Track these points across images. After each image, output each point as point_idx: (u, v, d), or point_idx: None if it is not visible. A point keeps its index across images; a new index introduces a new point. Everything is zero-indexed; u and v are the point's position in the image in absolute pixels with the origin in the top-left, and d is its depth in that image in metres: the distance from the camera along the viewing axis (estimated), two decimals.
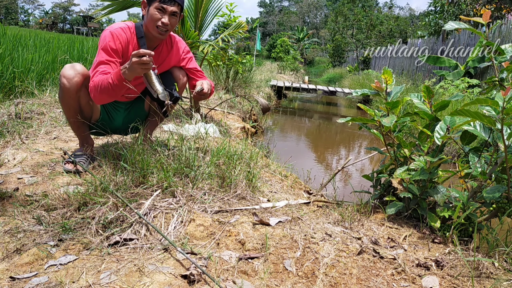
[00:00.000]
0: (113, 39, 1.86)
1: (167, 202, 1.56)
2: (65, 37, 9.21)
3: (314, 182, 2.64)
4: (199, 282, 1.13)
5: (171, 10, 1.89)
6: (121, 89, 1.75)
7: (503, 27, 6.83)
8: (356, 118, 1.69)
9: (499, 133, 1.32)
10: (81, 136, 2.07)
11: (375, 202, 1.87)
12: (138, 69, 1.64)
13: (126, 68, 1.67)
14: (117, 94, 1.79)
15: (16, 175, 1.86)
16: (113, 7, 3.38)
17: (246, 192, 1.76)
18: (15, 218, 1.45)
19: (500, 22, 6.99)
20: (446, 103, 1.64)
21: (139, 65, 1.63)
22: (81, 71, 1.88)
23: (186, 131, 2.64)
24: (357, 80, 11.98)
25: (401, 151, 1.73)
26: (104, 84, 1.75)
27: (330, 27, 23.17)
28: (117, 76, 1.71)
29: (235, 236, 1.39)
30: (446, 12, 10.40)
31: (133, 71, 1.66)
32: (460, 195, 1.46)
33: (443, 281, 1.21)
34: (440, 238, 1.47)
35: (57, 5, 57.21)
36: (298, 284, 1.16)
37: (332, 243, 1.37)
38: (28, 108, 3.02)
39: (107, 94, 1.77)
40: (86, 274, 1.15)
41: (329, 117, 8.07)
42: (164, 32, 1.91)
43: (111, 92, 1.76)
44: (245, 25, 3.90)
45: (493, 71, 6.60)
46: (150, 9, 1.88)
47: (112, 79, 1.72)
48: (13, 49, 4.33)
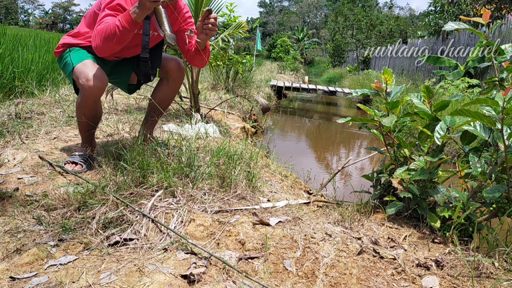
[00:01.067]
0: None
1: (167, 202, 1.56)
2: None
3: (314, 182, 2.64)
4: (199, 282, 1.13)
5: None
6: (129, 33, 1.67)
7: (503, 27, 6.83)
8: (356, 118, 1.69)
9: (499, 133, 1.32)
10: (85, 136, 2.07)
11: (375, 202, 1.87)
12: (147, 3, 1.57)
13: (136, 7, 1.61)
14: (124, 39, 1.69)
15: (16, 175, 1.86)
16: None
17: (246, 192, 1.76)
18: (15, 218, 1.45)
19: (500, 22, 6.99)
20: (446, 103, 1.64)
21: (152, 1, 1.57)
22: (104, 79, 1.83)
23: (186, 131, 2.64)
24: (357, 80, 11.98)
25: (401, 151, 1.74)
26: (110, 28, 1.65)
27: (330, 27, 23.17)
28: (126, 17, 1.63)
29: (235, 236, 1.39)
30: (446, 12, 10.40)
31: (143, 7, 1.59)
32: (460, 195, 1.46)
33: (443, 281, 1.21)
34: (440, 238, 1.47)
35: (57, 5, 57.21)
36: (298, 284, 1.16)
37: (332, 243, 1.37)
38: (28, 108, 3.01)
39: (112, 39, 1.66)
40: (86, 274, 1.15)
41: (329, 117, 8.07)
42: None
43: (118, 37, 1.65)
44: (245, 25, 3.90)
45: (493, 71, 6.60)
46: None
47: (120, 21, 1.63)
48: (13, 49, 4.33)
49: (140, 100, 4.25)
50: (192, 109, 3.68)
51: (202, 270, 1.18)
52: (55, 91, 3.95)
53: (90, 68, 1.81)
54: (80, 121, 1.98)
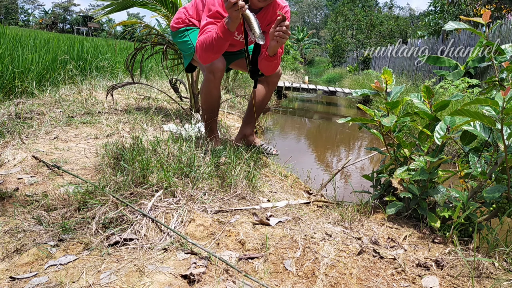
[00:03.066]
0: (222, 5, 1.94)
1: (167, 202, 1.56)
2: (65, 37, 9.21)
3: (314, 182, 2.64)
4: (199, 282, 1.13)
5: None
6: (225, 42, 1.86)
7: (503, 27, 6.83)
8: (356, 118, 1.69)
9: (499, 133, 1.32)
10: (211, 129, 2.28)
11: (375, 202, 1.87)
12: (233, 13, 1.74)
13: (228, 17, 1.79)
14: (221, 48, 1.89)
15: (16, 175, 1.86)
16: (113, 7, 3.38)
17: (246, 192, 1.76)
18: (15, 218, 1.45)
19: (500, 22, 6.99)
20: (446, 103, 1.64)
21: (231, 8, 1.72)
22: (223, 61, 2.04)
23: (186, 131, 2.64)
24: (357, 80, 11.97)
25: (401, 151, 1.73)
26: (209, 39, 1.86)
27: (330, 27, 23.16)
28: (220, 28, 1.82)
29: (235, 236, 1.39)
30: (446, 12, 10.40)
31: (231, 17, 1.77)
32: (460, 195, 1.46)
33: (443, 281, 1.21)
34: (440, 238, 1.47)
35: (57, 5, 57.22)
36: (298, 284, 1.16)
37: (332, 243, 1.37)
38: (28, 108, 3.02)
39: (211, 50, 1.88)
40: (86, 274, 1.15)
41: (329, 117, 8.07)
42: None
43: (216, 47, 1.86)
44: None
45: (493, 71, 6.60)
46: None
47: (216, 33, 1.84)
48: (13, 49, 4.33)
49: (140, 100, 4.25)
50: (192, 109, 3.69)
51: (202, 270, 1.18)
52: (55, 91, 3.95)
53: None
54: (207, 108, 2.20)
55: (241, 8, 1.73)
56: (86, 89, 4.39)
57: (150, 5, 3.44)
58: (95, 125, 2.93)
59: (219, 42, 1.84)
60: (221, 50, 1.91)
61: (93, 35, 41.59)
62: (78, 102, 3.62)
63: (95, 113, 3.27)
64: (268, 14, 2.12)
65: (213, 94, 2.17)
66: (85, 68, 5.56)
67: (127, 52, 7.64)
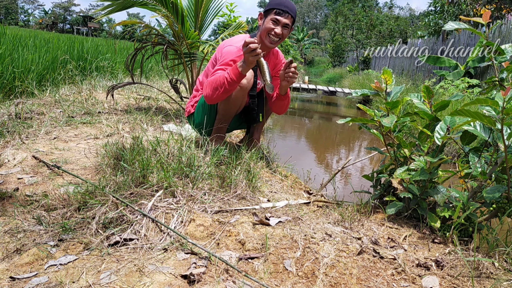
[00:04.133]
0: (239, 55, 2.04)
1: (167, 202, 1.56)
2: (65, 37, 9.21)
3: (314, 182, 2.64)
4: (199, 282, 1.13)
5: (284, 22, 2.10)
6: (236, 84, 1.95)
7: (503, 27, 6.83)
8: (356, 118, 1.69)
9: (499, 133, 1.32)
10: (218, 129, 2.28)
11: (375, 202, 1.87)
12: (249, 58, 1.85)
13: (243, 62, 1.90)
14: (230, 90, 1.97)
15: (16, 175, 1.86)
16: (113, 7, 3.38)
17: (246, 192, 1.76)
18: (15, 218, 1.45)
19: (500, 22, 6.99)
20: (446, 103, 1.64)
21: (249, 53, 1.84)
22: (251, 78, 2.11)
23: (186, 131, 2.64)
24: (357, 80, 11.97)
25: (401, 151, 1.73)
26: (220, 80, 1.94)
27: (330, 27, 23.16)
28: (234, 71, 1.91)
29: (235, 236, 1.39)
30: (446, 12, 10.40)
31: (247, 61, 1.88)
32: (460, 195, 1.46)
33: (443, 281, 1.21)
34: (440, 238, 1.47)
35: (57, 5, 57.22)
36: (298, 284, 1.16)
37: (332, 243, 1.37)
38: (28, 108, 3.02)
39: (220, 90, 1.95)
40: (86, 274, 1.15)
41: (329, 117, 8.07)
42: (275, 41, 2.14)
43: (226, 88, 1.94)
44: (245, 25, 3.91)
45: (493, 71, 6.60)
46: (266, 20, 2.12)
47: (228, 74, 1.92)
48: (13, 49, 4.33)
49: (140, 100, 4.25)
50: None
51: (202, 270, 1.18)
52: (55, 91, 3.95)
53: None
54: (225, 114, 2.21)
55: (258, 55, 1.86)
56: (86, 89, 4.39)
57: (150, 5, 3.44)
58: (95, 125, 2.93)
59: (230, 83, 1.93)
60: (230, 91, 1.98)
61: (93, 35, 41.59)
62: (78, 102, 3.62)
63: (95, 113, 3.27)
64: (271, 58, 2.35)
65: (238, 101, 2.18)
66: (85, 68, 5.56)
67: (127, 52, 7.64)
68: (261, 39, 2.14)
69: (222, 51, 2.13)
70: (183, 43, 3.56)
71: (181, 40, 3.54)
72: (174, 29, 3.48)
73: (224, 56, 2.08)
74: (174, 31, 3.52)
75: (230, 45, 2.13)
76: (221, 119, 2.27)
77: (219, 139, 2.30)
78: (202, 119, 2.28)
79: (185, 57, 3.70)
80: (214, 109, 2.25)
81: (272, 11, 2.10)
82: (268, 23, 2.10)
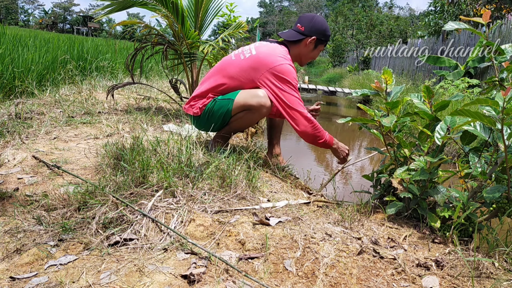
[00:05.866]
0: (295, 71, 2.20)
1: (167, 202, 1.56)
2: (65, 37, 9.21)
3: (314, 182, 2.64)
4: (199, 282, 1.13)
5: None
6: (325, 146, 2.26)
7: (503, 27, 6.83)
8: (356, 118, 1.69)
9: (499, 133, 1.32)
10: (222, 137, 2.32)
11: (375, 202, 1.87)
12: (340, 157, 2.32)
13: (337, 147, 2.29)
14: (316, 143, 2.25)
15: (16, 175, 1.86)
16: (113, 7, 3.38)
17: (246, 192, 1.76)
18: (15, 218, 1.45)
19: (500, 22, 6.99)
20: (446, 103, 1.64)
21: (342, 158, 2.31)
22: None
23: (186, 131, 2.64)
24: (357, 80, 11.97)
25: (401, 151, 1.73)
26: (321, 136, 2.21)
27: (330, 27, 23.13)
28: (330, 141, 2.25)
29: (235, 236, 1.39)
30: (446, 12, 10.40)
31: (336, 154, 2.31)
32: (460, 195, 1.46)
33: (443, 281, 1.21)
34: (440, 238, 1.47)
35: (57, 5, 57.22)
36: (298, 284, 1.16)
37: (332, 243, 1.37)
38: (28, 108, 3.02)
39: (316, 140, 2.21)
40: (86, 274, 1.15)
41: (329, 117, 8.06)
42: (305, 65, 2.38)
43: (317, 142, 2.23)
44: (245, 25, 3.90)
45: (493, 71, 6.60)
46: (317, 48, 2.29)
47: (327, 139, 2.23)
48: (13, 49, 4.33)
49: (140, 100, 4.25)
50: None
51: (202, 270, 1.18)
52: (55, 91, 3.95)
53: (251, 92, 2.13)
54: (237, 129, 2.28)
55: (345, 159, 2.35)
56: (86, 89, 4.39)
57: (150, 5, 3.44)
58: (95, 125, 2.93)
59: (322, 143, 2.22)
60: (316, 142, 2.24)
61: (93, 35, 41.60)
62: (78, 102, 3.62)
63: (95, 113, 3.27)
64: None
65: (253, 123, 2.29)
66: (85, 68, 5.56)
67: (127, 52, 7.64)
68: (300, 58, 2.30)
69: (283, 69, 2.11)
70: (183, 43, 3.56)
71: (181, 40, 3.54)
72: (174, 29, 3.48)
73: (289, 76, 2.12)
74: (174, 31, 3.52)
75: (287, 63, 2.14)
76: (230, 131, 2.27)
77: (223, 140, 2.30)
78: (209, 124, 2.25)
79: (185, 57, 3.70)
80: (225, 120, 2.22)
81: (325, 43, 2.29)
82: (317, 52, 2.31)
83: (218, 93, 2.21)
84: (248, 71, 2.13)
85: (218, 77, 2.22)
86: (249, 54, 2.17)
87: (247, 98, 2.10)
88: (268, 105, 2.10)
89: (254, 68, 2.12)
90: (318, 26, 2.23)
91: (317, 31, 2.23)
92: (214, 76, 2.25)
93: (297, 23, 2.28)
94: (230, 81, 2.17)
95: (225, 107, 2.15)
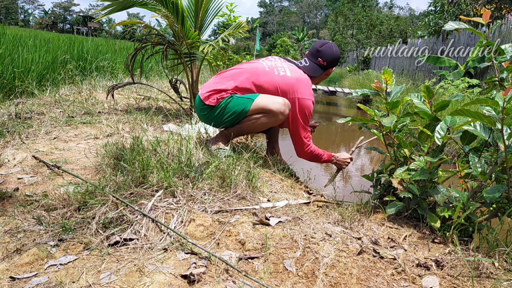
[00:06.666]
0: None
1: (167, 202, 1.56)
2: (65, 37, 9.20)
3: (314, 182, 2.64)
4: (199, 282, 1.13)
5: None
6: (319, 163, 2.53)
7: (503, 27, 6.83)
8: (356, 118, 1.69)
9: (499, 133, 1.32)
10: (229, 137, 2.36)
11: (375, 202, 1.87)
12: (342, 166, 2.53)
13: (336, 160, 2.51)
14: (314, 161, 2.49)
15: (16, 175, 1.86)
16: (113, 7, 3.38)
17: (246, 192, 1.76)
18: (15, 218, 1.45)
19: (500, 22, 6.99)
20: (446, 103, 1.64)
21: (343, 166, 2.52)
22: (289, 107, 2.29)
23: (186, 131, 2.64)
24: (357, 80, 11.97)
25: (401, 151, 1.73)
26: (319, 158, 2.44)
27: (330, 27, 23.13)
28: (328, 157, 2.47)
29: (235, 236, 1.39)
30: (446, 12, 10.40)
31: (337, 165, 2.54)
32: (460, 195, 1.46)
33: (443, 281, 1.21)
34: (440, 238, 1.47)
35: (57, 5, 57.24)
36: (298, 284, 1.16)
37: (332, 243, 1.37)
38: (28, 108, 3.02)
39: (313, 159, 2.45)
40: (86, 274, 1.15)
41: (329, 117, 8.06)
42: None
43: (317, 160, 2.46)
44: (245, 25, 3.90)
45: (493, 71, 6.60)
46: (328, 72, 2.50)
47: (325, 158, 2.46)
48: (13, 49, 4.33)
49: (140, 100, 4.25)
50: (192, 109, 3.68)
51: (202, 270, 1.18)
52: (55, 91, 3.95)
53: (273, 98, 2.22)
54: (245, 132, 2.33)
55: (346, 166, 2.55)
56: (86, 89, 4.39)
57: (150, 5, 3.43)
58: (95, 125, 2.93)
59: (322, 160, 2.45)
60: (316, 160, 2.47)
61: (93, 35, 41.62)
62: (78, 102, 3.62)
63: (95, 113, 3.27)
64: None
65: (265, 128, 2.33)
66: (85, 68, 5.56)
67: (127, 52, 7.64)
68: (317, 82, 2.52)
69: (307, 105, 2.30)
70: (183, 43, 3.56)
71: (181, 40, 3.54)
72: (174, 29, 3.48)
73: (308, 111, 2.31)
74: (174, 31, 3.52)
75: (311, 101, 2.32)
76: (238, 131, 2.29)
77: (225, 139, 2.30)
78: (219, 118, 2.27)
79: (185, 57, 3.70)
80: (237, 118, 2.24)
81: (334, 67, 2.49)
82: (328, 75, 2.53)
83: (238, 92, 2.26)
84: (278, 89, 2.29)
85: (247, 81, 2.28)
86: (283, 73, 2.31)
87: (268, 102, 2.17)
88: (286, 114, 2.22)
89: (284, 91, 2.28)
90: (336, 57, 2.44)
91: (335, 61, 2.46)
92: (242, 76, 2.30)
93: (318, 57, 2.43)
94: (256, 88, 2.28)
95: (242, 106, 2.19)
